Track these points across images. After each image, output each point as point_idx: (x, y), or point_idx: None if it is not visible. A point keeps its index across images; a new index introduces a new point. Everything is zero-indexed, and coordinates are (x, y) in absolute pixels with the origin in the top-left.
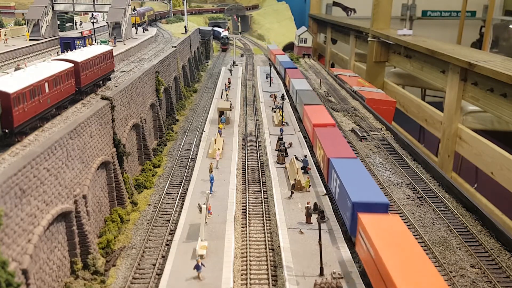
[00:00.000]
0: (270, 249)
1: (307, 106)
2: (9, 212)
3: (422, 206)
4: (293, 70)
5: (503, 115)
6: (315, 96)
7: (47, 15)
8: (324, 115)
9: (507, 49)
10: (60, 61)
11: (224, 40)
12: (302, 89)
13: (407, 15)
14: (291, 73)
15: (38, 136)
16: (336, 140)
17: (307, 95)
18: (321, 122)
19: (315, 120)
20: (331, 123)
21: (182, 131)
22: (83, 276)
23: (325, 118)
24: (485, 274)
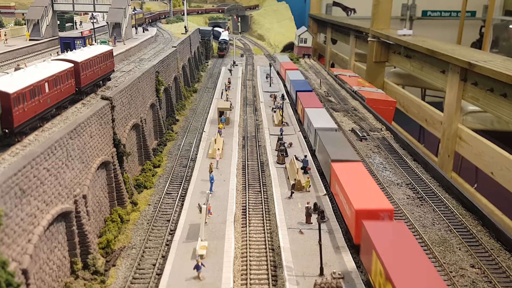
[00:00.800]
0: (270, 249)
1: (337, 165)
2: (9, 212)
3: (422, 206)
4: (308, 95)
5: (503, 115)
6: (347, 145)
7: (47, 15)
8: (376, 195)
9: (507, 49)
10: (60, 61)
11: (222, 44)
12: (324, 128)
13: (407, 15)
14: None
15: (38, 136)
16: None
17: (334, 140)
18: (371, 207)
19: (359, 202)
20: (388, 208)
21: (182, 131)
22: (83, 276)
23: (378, 200)
24: (485, 274)
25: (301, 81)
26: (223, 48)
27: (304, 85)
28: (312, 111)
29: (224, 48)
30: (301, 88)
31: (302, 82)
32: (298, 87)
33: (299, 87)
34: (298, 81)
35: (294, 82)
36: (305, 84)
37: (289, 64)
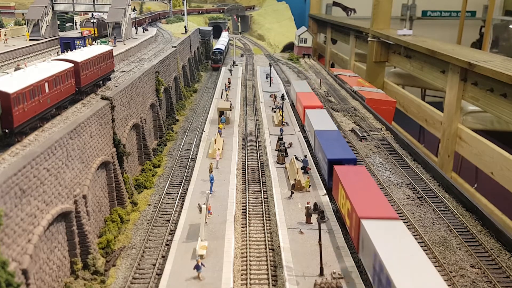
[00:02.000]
0: (270, 249)
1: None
2: (9, 212)
3: (422, 206)
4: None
5: (503, 115)
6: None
7: (47, 15)
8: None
9: (507, 49)
10: (60, 61)
11: (216, 55)
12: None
13: (407, 15)
14: (344, 174)
15: (38, 136)
16: None
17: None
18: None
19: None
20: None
21: (182, 131)
22: (83, 276)
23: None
24: (485, 274)
25: (334, 133)
26: (218, 59)
27: (344, 150)
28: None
29: (219, 60)
30: (341, 154)
31: (335, 133)
32: (333, 151)
33: (334, 151)
34: (330, 133)
35: (324, 139)
36: (341, 140)
37: (310, 97)
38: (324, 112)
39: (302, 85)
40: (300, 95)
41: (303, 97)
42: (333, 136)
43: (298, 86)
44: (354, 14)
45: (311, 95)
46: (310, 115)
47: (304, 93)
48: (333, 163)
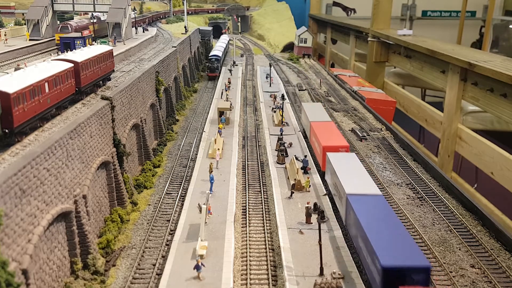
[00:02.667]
0: (270, 249)
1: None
2: (9, 212)
3: (422, 206)
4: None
5: (503, 115)
6: None
7: (47, 15)
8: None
9: (507, 49)
10: (60, 61)
11: (213, 62)
12: None
13: (407, 15)
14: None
15: (38, 136)
16: None
17: None
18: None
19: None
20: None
21: (182, 131)
22: (83, 276)
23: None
24: (485, 274)
25: (382, 207)
26: (215, 67)
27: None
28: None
29: (215, 68)
30: (403, 257)
31: (397, 228)
32: (389, 248)
33: (391, 249)
34: (374, 204)
35: (365, 215)
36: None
37: (330, 130)
38: (354, 158)
39: (316, 111)
40: (316, 128)
41: (321, 130)
42: (380, 208)
43: (311, 112)
44: (354, 14)
45: (331, 128)
46: (335, 163)
47: (321, 124)
48: (391, 274)
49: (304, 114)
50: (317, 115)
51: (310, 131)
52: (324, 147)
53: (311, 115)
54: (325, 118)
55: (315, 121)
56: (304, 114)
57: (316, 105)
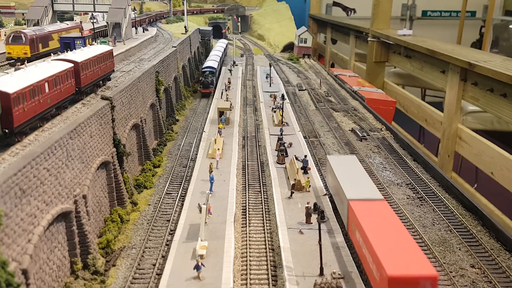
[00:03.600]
0: (270, 249)
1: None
2: (9, 212)
3: (422, 206)
4: None
5: (503, 115)
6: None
7: (47, 15)
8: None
9: (507, 49)
10: (60, 61)
11: (207, 77)
12: None
13: (407, 15)
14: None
15: (38, 136)
16: None
17: None
18: None
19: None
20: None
21: (182, 131)
22: (83, 276)
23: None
24: (485, 274)
25: None
26: (209, 82)
27: None
28: None
29: (210, 83)
30: None
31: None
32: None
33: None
34: None
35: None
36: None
37: (384, 215)
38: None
39: (354, 174)
40: (365, 219)
41: (375, 229)
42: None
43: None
44: (354, 14)
45: (393, 223)
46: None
47: (372, 210)
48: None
49: (332, 176)
50: (357, 185)
51: (349, 217)
52: (391, 278)
53: (348, 184)
54: (374, 193)
55: (358, 200)
56: (333, 176)
57: (351, 161)
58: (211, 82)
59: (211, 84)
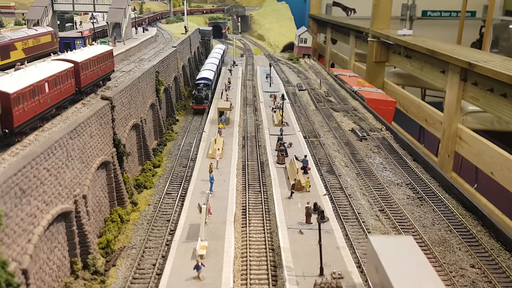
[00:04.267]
0: (270, 249)
1: None
2: (9, 212)
3: (422, 206)
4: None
5: (503, 115)
6: None
7: (47, 15)
8: None
9: (507, 49)
10: (60, 61)
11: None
12: None
13: (407, 15)
14: None
15: (38, 136)
16: None
17: None
18: None
19: None
20: None
21: (182, 131)
22: (83, 276)
23: None
24: (485, 274)
25: None
26: (202, 97)
27: None
28: None
29: (204, 98)
30: None
31: None
32: None
33: None
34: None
35: None
36: None
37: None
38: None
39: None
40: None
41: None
42: None
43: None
44: (354, 14)
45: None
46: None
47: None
48: None
49: (378, 269)
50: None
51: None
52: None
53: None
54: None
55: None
56: (380, 270)
57: (407, 246)
58: (205, 96)
59: (206, 99)
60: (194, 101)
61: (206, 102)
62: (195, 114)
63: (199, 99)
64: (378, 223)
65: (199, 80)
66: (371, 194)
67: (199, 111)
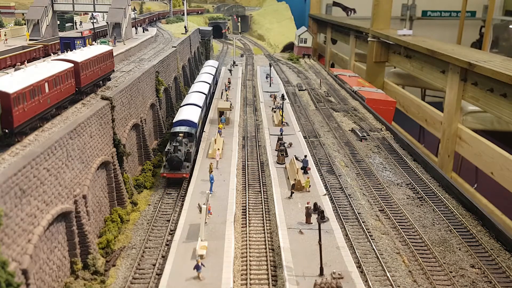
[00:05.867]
0: (270, 249)
1: None
2: (9, 212)
3: (422, 206)
4: None
5: (503, 115)
6: None
7: (47, 15)
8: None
9: (507, 49)
10: (60, 61)
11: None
12: None
13: (407, 15)
14: None
15: (38, 136)
16: None
17: None
18: None
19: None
20: None
21: None
22: (83, 276)
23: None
24: (485, 274)
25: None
26: (179, 159)
27: None
28: None
29: (182, 160)
30: None
31: None
32: None
33: None
34: None
35: None
36: None
37: None
38: None
39: None
40: None
41: None
42: None
43: None
44: (354, 14)
45: None
46: None
47: None
48: None
49: None
50: None
51: None
52: None
53: None
54: None
55: None
56: None
57: None
58: (186, 156)
59: (187, 161)
60: (167, 164)
61: (186, 166)
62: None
63: (175, 161)
64: (378, 223)
65: (178, 125)
66: (371, 194)
67: (176, 180)
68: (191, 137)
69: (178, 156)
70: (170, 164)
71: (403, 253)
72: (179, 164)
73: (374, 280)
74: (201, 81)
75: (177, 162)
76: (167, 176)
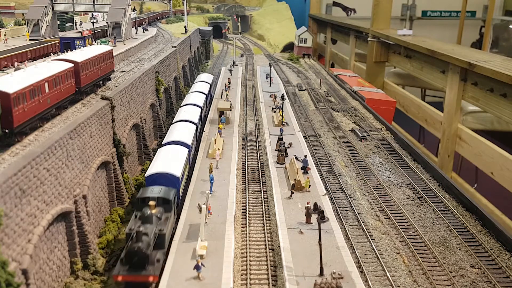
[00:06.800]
0: (270, 249)
1: None
2: (9, 212)
3: (422, 206)
4: None
5: (503, 115)
6: None
7: (47, 15)
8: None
9: (507, 49)
10: (60, 61)
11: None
12: None
13: (407, 15)
14: None
15: (38, 136)
16: None
17: None
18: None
19: None
20: None
21: None
22: (83, 276)
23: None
24: (485, 274)
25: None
26: (142, 253)
27: None
28: None
29: (143, 258)
30: None
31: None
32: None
33: None
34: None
35: None
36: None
37: None
38: None
39: None
40: None
41: None
42: None
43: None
44: (354, 14)
45: None
46: None
47: None
48: None
49: None
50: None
51: None
52: None
53: None
54: None
55: None
56: None
57: None
58: (156, 242)
59: (158, 249)
60: (124, 259)
61: (155, 261)
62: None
63: (136, 258)
64: (378, 223)
65: (150, 182)
66: (371, 194)
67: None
68: (168, 204)
69: (141, 248)
70: (128, 260)
71: (403, 253)
72: (143, 261)
73: (374, 280)
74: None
75: (141, 258)
76: (121, 280)
